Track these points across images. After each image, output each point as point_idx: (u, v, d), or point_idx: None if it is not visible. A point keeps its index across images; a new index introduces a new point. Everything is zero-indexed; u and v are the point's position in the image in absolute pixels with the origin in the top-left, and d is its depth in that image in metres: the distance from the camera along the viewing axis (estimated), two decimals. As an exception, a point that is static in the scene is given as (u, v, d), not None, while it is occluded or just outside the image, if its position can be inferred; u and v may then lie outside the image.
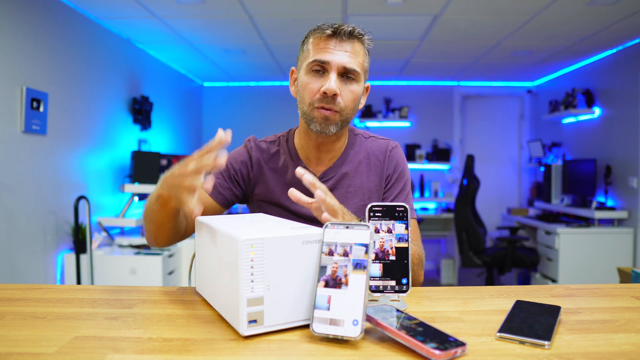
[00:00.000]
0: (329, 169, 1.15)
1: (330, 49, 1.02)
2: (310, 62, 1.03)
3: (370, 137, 1.21)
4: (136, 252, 3.20)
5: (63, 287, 0.91)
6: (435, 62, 4.50)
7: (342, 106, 1.04)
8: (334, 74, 1.02)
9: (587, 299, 0.84)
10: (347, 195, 1.13)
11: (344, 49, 1.02)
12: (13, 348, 0.60)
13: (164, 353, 0.58)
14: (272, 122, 5.45)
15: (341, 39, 1.02)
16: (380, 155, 1.17)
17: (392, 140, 1.21)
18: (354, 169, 1.15)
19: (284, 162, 1.16)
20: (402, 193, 1.16)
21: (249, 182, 1.17)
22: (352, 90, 1.04)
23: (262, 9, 3.07)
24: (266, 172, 1.16)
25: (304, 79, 1.05)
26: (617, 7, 2.92)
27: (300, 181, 1.11)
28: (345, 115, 1.06)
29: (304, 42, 1.09)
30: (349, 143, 1.17)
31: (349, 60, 1.02)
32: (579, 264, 3.73)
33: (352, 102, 1.05)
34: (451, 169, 5.42)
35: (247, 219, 0.84)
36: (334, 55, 1.01)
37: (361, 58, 1.05)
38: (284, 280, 0.65)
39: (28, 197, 2.63)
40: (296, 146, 1.17)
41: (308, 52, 1.05)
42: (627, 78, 3.71)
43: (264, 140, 1.21)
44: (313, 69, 1.03)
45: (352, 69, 1.02)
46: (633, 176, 3.61)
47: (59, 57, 2.87)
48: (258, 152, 1.18)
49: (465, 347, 0.57)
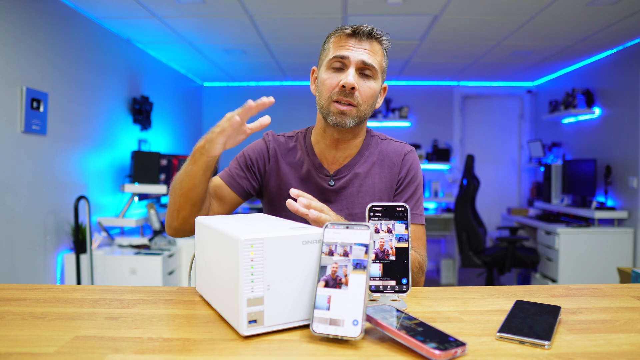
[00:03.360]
0: (342, 167, 1.16)
1: (349, 46, 1.05)
2: (330, 58, 1.06)
3: (387, 140, 1.22)
4: (136, 252, 3.20)
5: (63, 287, 0.91)
6: (435, 62, 4.50)
7: (359, 101, 1.06)
8: (353, 69, 1.04)
9: (587, 299, 0.84)
10: (358, 194, 1.14)
11: (363, 47, 1.05)
12: (13, 348, 0.60)
13: (164, 353, 0.58)
14: (272, 122, 5.43)
15: (360, 38, 1.05)
16: (394, 159, 1.18)
17: (408, 145, 1.22)
18: (367, 169, 1.16)
19: (300, 157, 1.18)
20: (412, 197, 1.16)
21: (265, 174, 1.19)
22: (370, 87, 1.07)
23: (262, 9, 3.07)
24: (282, 165, 1.18)
25: (323, 75, 1.08)
26: (617, 7, 2.92)
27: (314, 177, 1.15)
28: (363, 111, 1.07)
29: (325, 42, 1.12)
30: (364, 144, 1.18)
31: (368, 57, 1.05)
32: (579, 264, 3.73)
33: (369, 98, 1.08)
34: (451, 169, 5.42)
35: (247, 219, 0.84)
36: (353, 52, 1.04)
37: (379, 57, 1.08)
38: (284, 280, 0.65)
39: (28, 197, 2.63)
40: (312, 143, 1.18)
41: (328, 51, 1.09)
42: (627, 78, 3.71)
43: (282, 134, 1.23)
44: (333, 65, 1.06)
45: (370, 64, 1.05)
46: (633, 176, 3.61)
47: (59, 57, 2.87)
48: (275, 145, 1.20)
49: (465, 347, 0.57)
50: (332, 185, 1.14)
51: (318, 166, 1.16)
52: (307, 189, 1.13)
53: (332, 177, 1.15)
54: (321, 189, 1.15)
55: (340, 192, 1.14)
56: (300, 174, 1.16)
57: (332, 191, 1.14)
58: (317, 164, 1.16)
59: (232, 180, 1.16)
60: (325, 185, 1.14)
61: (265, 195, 1.20)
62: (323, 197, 1.13)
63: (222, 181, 1.17)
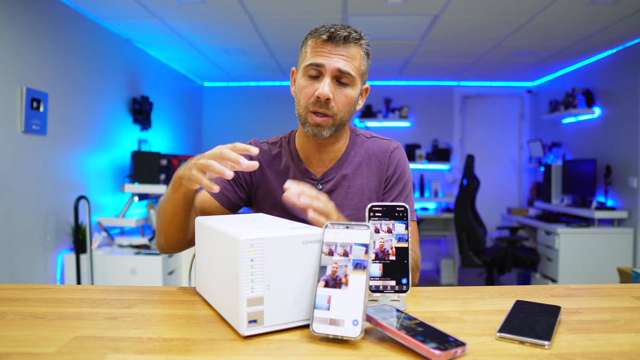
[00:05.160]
0: (329, 170, 1.15)
1: (325, 52, 1.02)
2: (307, 65, 1.04)
3: (372, 138, 1.20)
4: (136, 252, 3.20)
5: (63, 287, 0.91)
6: (435, 62, 4.50)
7: (335, 111, 1.04)
8: (328, 78, 1.02)
9: (587, 299, 0.84)
10: (347, 196, 1.13)
11: (339, 53, 1.02)
12: (13, 348, 0.60)
13: (164, 353, 0.58)
14: (272, 122, 5.46)
15: (336, 44, 1.02)
16: (381, 156, 1.17)
17: (394, 141, 1.20)
18: (354, 170, 1.15)
19: (286, 163, 1.16)
20: (401, 195, 1.15)
21: (252, 185, 1.17)
22: (346, 95, 1.04)
23: (262, 9, 3.07)
24: (268, 174, 1.16)
25: (300, 81, 1.06)
26: (617, 7, 2.92)
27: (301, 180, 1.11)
28: (339, 120, 1.06)
29: (303, 44, 1.09)
30: (349, 144, 1.17)
31: (344, 64, 1.02)
32: (579, 264, 3.73)
33: (345, 106, 1.05)
34: (451, 169, 5.42)
35: (247, 219, 0.84)
36: (329, 59, 1.01)
37: (357, 62, 1.05)
38: (284, 280, 0.65)
39: (28, 197, 2.63)
40: (297, 147, 1.17)
41: (305, 55, 1.06)
42: (627, 78, 3.71)
43: (265, 141, 1.21)
44: (308, 72, 1.04)
45: (346, 72, 1.02)
46: (633, 176, 3.61)
47: (59, 57, 2.87)
48: (259, 155, 1.17)
49: (465, 347, 0.57)
50: (320, 189, 1.13)
51: (304, 171, 1.15)
52: None
53: (319, 181, 1.14)
54: None
55: (329, 195, 1.12)
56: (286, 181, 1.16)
57: None
58: (303, 169, 1.15)
59: (220, 193, 1.14)
60: None
61: (255, 205, 1.19)
62: None
63: (209, 195, 1.15)
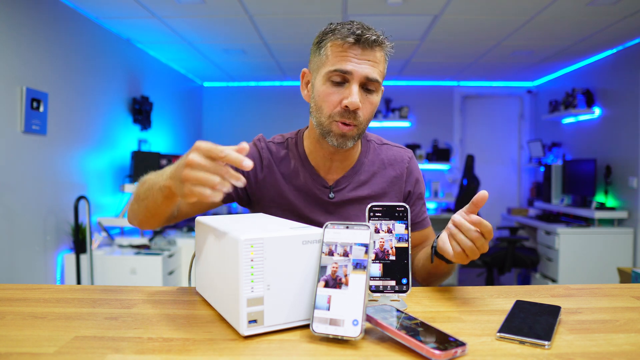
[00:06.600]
0: (342, 178, 1.10)
1: (352, 57, 0.94)
2: (331, 70, 0.95)
3: (384, 145, 1.16)
4: (136, 252, 3.20)
5: (63, 287, 0.91)
6: (435, 62, 4.50)
7: (361, 119, 0.98)
8: (356, 86, 0.94)
9: (587, 299, 0.84)
10: (360, 206, 1.10)
11: (366, 58, 0.94)
12: (13, 348, 0.60)
13: (164, 353, 0.58)
14: (272, 122, 5.45)
15: (364, 48, 0.94)
16: (397, 166, 1.13)
17: (405, 148, 1.18)
18: (369, 178, 1.11)
19: (294, 167, 1.10)
20: (422, 210, 1.16)
21: (256, 183, 1.10)
22: (372, 102, 0.99)
23: (262, 9, 3.07)
24: (277, 175, 1.10)
25: (322, 87, 0.98)
26: (617, 7, 2.91)
27: (312, 189, 1.09)
28: (363, 128, 1.01)
29: (320, 45, 0.99)
30: (362, 150, 1.12)
31: (372, 70, 0.95)
32: (579, 264, 3.73)
33: (371, 114, 1.01)
34: (451, 169, 5.42)
35: (247, 219, 0.84)
36: (357, 66, 0.94)
37: (382, 66, 0.98)
38: (284, 280, 0.65)
39: (28, 197, 2.63)
40: (306, 151, 1.11)
41: (326, 58, 0.97)
42: (627, 78, 3.70)
43: (272, 141, 1.14)
44: (332, 78, 0.96)
45: (374, 79, 0.95)
46: (633, 176, 3.61)
47: (59, 57, 2.87)
48: (268, 154, 1.11)
49: (465, 347, 0.57)
50: (332, 198, 1.08)
51: (315, 177, 1.09)
52: (305, 201, 1.08)
53: (331, 189, 1.09)
54: (321, 202, 1.09)
55: (342, 204, 1.09)
56: (297, 185, 1.09)
57: (333, 204, 1.09)
58: (315, 175, 1.09)
59: None
60: (325, 197, 1.08)
61: (259, 206, 1.12)
62: (323, 210, 1.08)
63: None
